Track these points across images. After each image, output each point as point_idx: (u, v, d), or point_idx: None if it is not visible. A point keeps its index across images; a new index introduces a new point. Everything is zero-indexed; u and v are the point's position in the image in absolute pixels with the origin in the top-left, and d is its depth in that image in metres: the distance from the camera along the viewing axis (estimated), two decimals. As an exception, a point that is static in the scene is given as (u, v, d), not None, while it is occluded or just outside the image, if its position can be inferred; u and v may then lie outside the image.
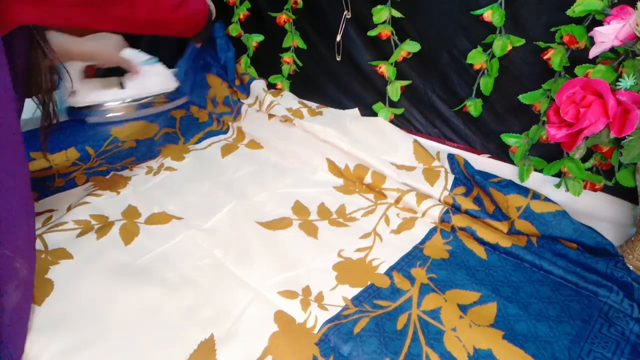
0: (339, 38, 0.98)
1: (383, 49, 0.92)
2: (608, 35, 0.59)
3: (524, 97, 0.77)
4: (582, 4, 0.64)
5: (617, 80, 0.59)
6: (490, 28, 0.76)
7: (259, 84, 1.12)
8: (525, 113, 0.78)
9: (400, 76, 0.92)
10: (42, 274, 0.62)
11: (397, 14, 0.86)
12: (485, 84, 0.81)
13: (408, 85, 0.92)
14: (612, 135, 0.57)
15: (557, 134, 0.61)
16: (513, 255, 0.69)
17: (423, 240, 0.73)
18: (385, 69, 0.93)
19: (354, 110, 1.03)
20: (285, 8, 1.04)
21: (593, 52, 0.62)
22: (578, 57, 0.69)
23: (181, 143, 1.00)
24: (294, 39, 1.07)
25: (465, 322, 0.57)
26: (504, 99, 0.81)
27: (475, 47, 0.80)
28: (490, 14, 0.75)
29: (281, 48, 1.10)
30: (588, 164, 0.73)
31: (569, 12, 0.66)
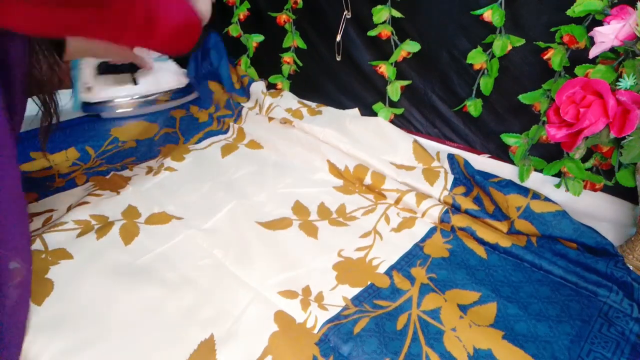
0: (339, 38, 0.98)
1: (383, 49, 0.92)
2: (608, 35, 0.59)
3: (524, 97, 0.77)
4: (582, 4, 0.64)
5: (617, 80, 0.59)
6: (490, 28, 0.76)
7: (258, 86, 1.12)
8: (525, 113, 0.78)
9: (400, 76, 0.92)
10: (42, 274, 0.62)
11: (397, 14, 0.86)
12: (485, 84, 0.81)
13: (408, 85, 0.92)
14: (612, 135, 0.57)
15: (557, 134, 0.61)
16: (513, 255, 0.69)
17: (423, 238, 0.73)
18: (385, 69, 0.93)
19: (354, 110, 1.03)
20: (285, 8, 1.04)
21: (593, 52, 0.62)
22: (578, 57, 0.69)
23: (181, 143, 1.00)
24: (294, 39, 1.07)
25: (465, 322, 0.57)
26: (504, 99, 0.81)
27: (475, 47, 0.80)
28: (490, 14, 0.75)
29: (281, 48, 1.10)
30: (588, 164, 0.73)
31: (569, 12, 0.66)
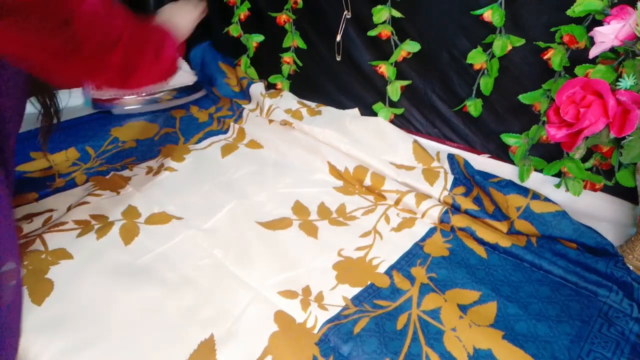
0: (339, 38, 0.98)
1: (383, 49, 0.92)
2: (608, 35, 0.59)
3: (524, 97, 0.77)
4: (582, 4, 0.64)
5: (617, 80, 0.59)
6: (490, 28, 0.76)
7: (258, 88, 1.12)
8: (525, 113, 0.78)
9: (400, 76, 0.92)
10: (42, 274, 0.62)
11: (397, 14, 0.86)
12: (485, 84, 0.81)
13: (408, 85, 0.92)
14: (612, 135, 0.57)
15: (557, 134, 0.61)
16: (513, 255, 0.69)
17: (423, 237, 0.73)
18: (385, 69, 0.93)
19: (354, 110, 1.03)
20: (285, 8, 1.04)
21: (593, 52, 0.62)
22: (578, 57, 0.69)
23: (181, 143, 1.00)
24: (294, 39, 1.07)
25: (465, 322, 0.57)
26: (504, 99, 0.81)
27: (475, 47, 0.80)
28: (490, 14, 0.75)
29: (281, 48, 1.10)
30: (588, 164, 0.73)
31: (569, 12, 0.66)
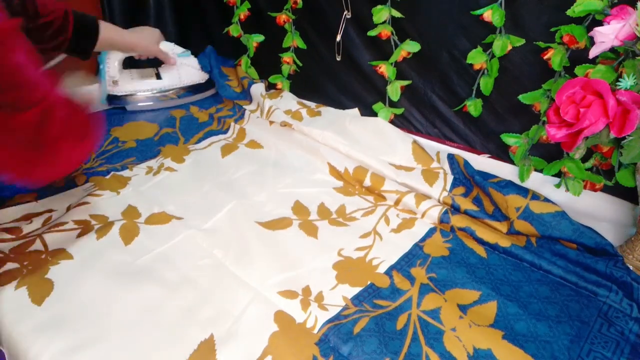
0: (339, 38, 0.98)
1: (383, 49, 0.92)
2: (608, 35, 0.59)
3: (524, 97, 0.77)
4: (582, 4, 0.64)
5: (617, 80, 0.59)
6: (490, 28, 0.76)
7: (258, 88, 1.12)
8: (525, 113, 0.78)
9: (400, 76, 0.92)
10: (42, 274, 0.62)
11: (397, 14, 0.86)
12: (485, 84, 0.81)
13: (408, 85, 0.92)
14: (612, 135, 0.57)
15: (557, 134, 0.61)
16: (512, 255, 0.69)
17: (423, 238, 0.73)
18: (385, 69, 0.93)
19: (354, 110, 1.03)
20: (285, 8, 1.04)
21: (593, 52, 0.62)
22: (578, 57, 0.69)
23: (181, 143, 1.00)
24: (294, 39, 1.07)
25: (465, 322, 0.57)
26: (504, 99, 0.81)
27: (475, 47, 0.80)
28: (490, 14, 0.75)
29: (281, 48, 1.10)
30: (588, 164, 0.73)
31: (569, 12, 0.66)
